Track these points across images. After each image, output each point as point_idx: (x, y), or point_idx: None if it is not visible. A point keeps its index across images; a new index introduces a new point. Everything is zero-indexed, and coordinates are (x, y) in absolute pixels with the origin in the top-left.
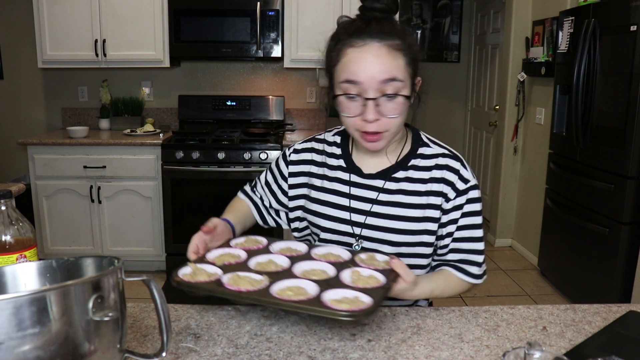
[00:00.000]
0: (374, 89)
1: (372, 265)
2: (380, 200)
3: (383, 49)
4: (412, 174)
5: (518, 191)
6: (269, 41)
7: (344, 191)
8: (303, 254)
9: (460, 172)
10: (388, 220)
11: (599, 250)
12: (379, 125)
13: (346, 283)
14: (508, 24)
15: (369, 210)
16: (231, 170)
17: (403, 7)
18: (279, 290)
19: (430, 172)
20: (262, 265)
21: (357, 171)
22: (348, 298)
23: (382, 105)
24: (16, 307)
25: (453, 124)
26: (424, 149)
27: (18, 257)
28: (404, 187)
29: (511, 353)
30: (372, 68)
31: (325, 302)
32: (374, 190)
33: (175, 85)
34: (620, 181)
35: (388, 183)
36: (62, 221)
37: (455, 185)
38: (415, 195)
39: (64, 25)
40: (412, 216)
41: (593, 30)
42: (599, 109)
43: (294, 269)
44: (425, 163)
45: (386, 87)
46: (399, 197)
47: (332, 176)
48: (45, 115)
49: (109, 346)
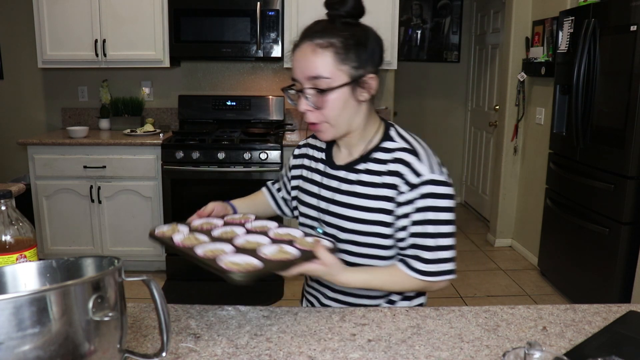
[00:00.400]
0: (305, 84)
1: (301, 245)
2: (341, 189)
3: (309, 48)
4: (371, 166)
5: (518, 191)
6: (269, 41)
7: (318, 181)
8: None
9: (413, 165)
10: (345, 208)
11: (599, 250)
12: (314, 117)
13: (262, 255)
14: (508, 24)
15: (331, 198)
16: (231, 170)
17: (403, 7)
18: (205, 250)
19: (387, 165)
20: (226, 233)
21: (331, 163)
22: (247, 262)
23: (313, 98)
24: (16, 307)
25: (453, 124)
26: (387, 143)
27: (18, 257)
28: (362, 179)
29: (511, 353)
30: (300, 66)
31: (219, 261)
32: (338, 180)
33: (175, 85)
34: (620, 181)
35: (350, 174)
36: (62, 221)
37: (406, 178)
38: (370, 186)
39: (64, 25)
40: (366, 206)
41: (593, 30)
42: (599, 109)
43: (238, 238)
44: (384, 156)
45: (313, 82)
46: (357, 187)
47: (314, 167)
48: (45, 115)
49: (109, 346)
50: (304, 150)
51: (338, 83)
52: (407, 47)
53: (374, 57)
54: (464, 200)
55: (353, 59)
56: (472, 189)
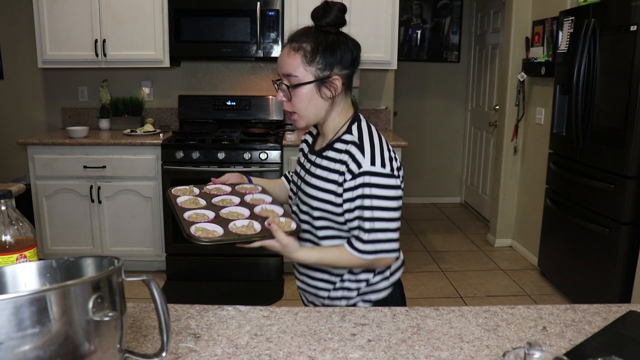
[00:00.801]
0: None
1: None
2: (309, 171)
3: (286, 50)
4: (329, 154)
5: (518, 191)
6: (269, 41)
7: (302, 163)
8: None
9: (355, 157)
10: (308, 187)
11: (599, 250)
12: (288, 107)
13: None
14: (508, 24)
15: (303, 178)
16: (231, 170)
17: (403, 7)
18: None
19: (339, 154)
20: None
21: (312, 148)
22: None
23: (286, 92)
24: (16, 307)
25: (453, 124)
26: (346, 136)
27: (18, 257)
28: (322, 163)
29: (511, 353)
30: (280, 64)
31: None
32: (311, 163)
33: (175, 85)
34: (620, 181)
35: (318, 159)
36: (62, 221)
37: (349, 167)
38: (325, 170)
39: (64, 25)
40: (320, 187)
41: (593, 30)
42: (599, 109)
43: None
44: (341, 147)
45: (287, 79)
46: (317, 170)
47: (305, 152)
48: (45, 115)
49: (109, 346)
50: (305, 136)
51: (304, 81)
52: (407, 47)
53: (342, 61)
54: (464, 200)
55: (319, 61)
56: (472, 189)
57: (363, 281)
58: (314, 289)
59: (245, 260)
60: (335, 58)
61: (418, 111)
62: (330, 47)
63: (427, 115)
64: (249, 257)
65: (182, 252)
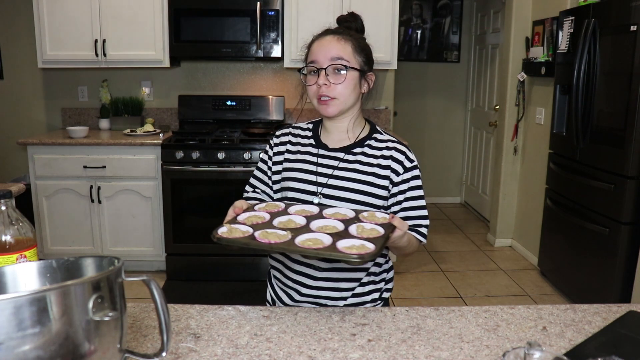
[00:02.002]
0: (325, 64)
1: (373, 221)
2: (340, 167)
3: (334, 37)
4: (367, 151)
5: (518, 191)
6: (269, 41)
7: (312, 160)
8: (315, 214)
9: (407, 154)
10: (345, 181)
11: (599, 250)
12: (329, 90)
13: (352, 234)
14: (508, 24)
15: (331, 174)
16: (231, 170)
17: (403, 7)
18: (300, 241)
19: (381, 151)
20: (283, 223)
21: (324, 147)
22: (355, 245)
23: (331, 76)
24: (16, 307)
25: (453, 124)
26: (377, 135)
27: (18, 257)
28: (360, 159)
29: (511, 353)
30: (325, 49)
31: (338, 248)
32: (336, 160)
33: (175, 85)
34: (620, 181)
35: (347, 155)
36: (62, 221)
37: (403, 163)
38: (367, 166)
39: (64, 25)
40: (363, 180)
41: (593, 30)
42: (599, 109)
43: (310, 225)
44: (377, 145)
45: (334, 62)
46: (356, 165)
47: (304, 151)
48: (45, 115)
49: (109, 346)
50: (284, 138)
51: (353, 66)
52: (407, 47)
53: (370, 62)
54: (464, 200)
55: (363, 55)
56: (472, 189)
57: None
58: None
59: (245, 260)
60: (369, 58)
61: (418, 111)
62: (368, 47)
63: (427, 115)
64: (249, 257)
65: (182, 252)
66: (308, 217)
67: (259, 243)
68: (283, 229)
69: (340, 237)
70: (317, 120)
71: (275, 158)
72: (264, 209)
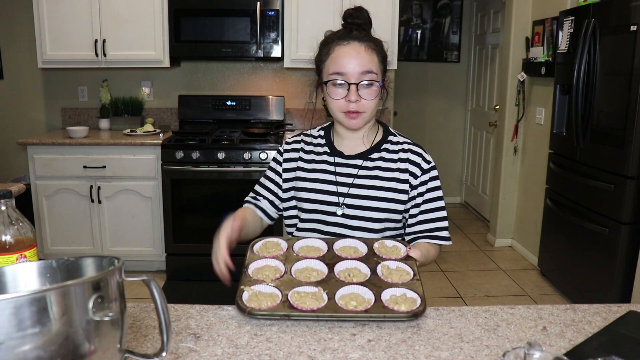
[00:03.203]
0: (355, 78)
1: (388, 255)
2: (360, 175)
3: (362, 47)
4: (385, 155)
5: (518, 191)
6: (269, 41)
7: (330, 169)
8: (326, 252)
9: (424, 156)
10: (367, 189)
11: (599, 250)
12: (358, 106)
13: (382, 279)
14: (508, 24)
15: (351, 182)
16: (231, 170)
17: (403, 7)
18: (342, 302)
19: (398, 154)
20: (303, 274)
21: (340, 154)
22: (397, 296)
23: (361, 90)
24: (16, 307)
25: (453, 124)
26: (392, 137)
27: (18, 257)
28: (379, 165)
29: (511, 353)
30: (355, 62)
31: (388, 307)
32: (355, 167)
33: (175, 85)
34: (620, 181)
35: (366, 162)
36: (62, 221)
37: (420, 165)
38: (387, 171)
39: (64, 25)
40: (386, 187)
41: (593, 30)
42: (599, 109)
43: (335, 273)
44: (394, 147)
45: (364, 76)
46: (376, 172)
47: (319, 160)
48: (45, 115)
49: (109, 346)
50: (297, 145)
51: (380, 79)
52: (407, 47)
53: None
54: (464, 200)
55: (383, 62)
56: (472, 189)
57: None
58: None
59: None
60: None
61: (418, 111)
62: (384, 51)
63: (427, 115)
64: None
65: (182, 252)
66: (323, 260)
67: (301, 313)
68: (310, 283)
69: (375, 287)
70: (326, 125)
71: (287, 165)
72: (268, 253)
